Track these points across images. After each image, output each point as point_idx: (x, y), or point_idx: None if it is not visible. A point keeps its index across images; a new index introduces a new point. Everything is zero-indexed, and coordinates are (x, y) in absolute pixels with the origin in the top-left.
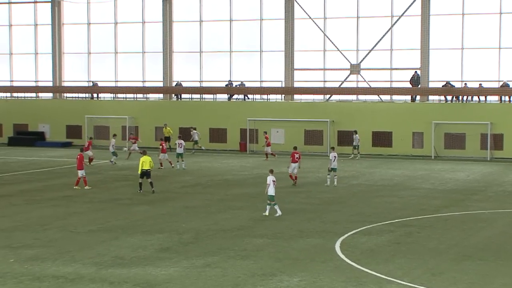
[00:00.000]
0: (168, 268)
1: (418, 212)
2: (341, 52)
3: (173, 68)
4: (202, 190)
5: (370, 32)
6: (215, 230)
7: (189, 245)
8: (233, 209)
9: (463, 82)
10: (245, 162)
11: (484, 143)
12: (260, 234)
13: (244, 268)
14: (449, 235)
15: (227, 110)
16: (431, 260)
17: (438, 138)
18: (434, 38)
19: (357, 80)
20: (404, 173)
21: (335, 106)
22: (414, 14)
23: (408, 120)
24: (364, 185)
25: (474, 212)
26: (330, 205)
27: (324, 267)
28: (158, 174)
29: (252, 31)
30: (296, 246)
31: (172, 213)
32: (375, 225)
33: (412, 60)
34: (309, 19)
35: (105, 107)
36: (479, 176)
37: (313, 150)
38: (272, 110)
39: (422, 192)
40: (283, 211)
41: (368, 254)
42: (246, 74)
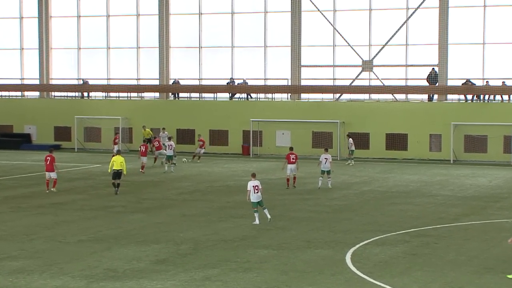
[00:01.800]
0: (164, 281)
1: (435, 221)
2: (352, 47)
3: (170, 65)
4: (202, 197)
5: (384, 26)
6: (215, 240)
7: (188, 257)
8: (235, 217)
9: (484, 80)
10: (248, 166)
11: (507, 146)
12: (264, 244)
13: (246, 282)
14: (469, 246)
15: (228, 110)
16: (449, 273)
17: (458, 140)
18: (453, 32)
19: (369, 77)
20: (421, 179)
21: (346, 106)
22: (432, 6)
23: (425, 121)
24: (377, 191)
25: (497, 221)
26: (340, 213)
27: (333, 280)
28: (154, 179)
29: (255, 25)
30: (303, 257)
31: (169, 222)
32: (389, 235)
33: (429, 56)
34: (317, 12)
35: (97, 107)
36: (502, 182)
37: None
38: (277, 110)
39: (440, 199)
40: (289, 220)
41: (382, 267)
42: (249, 71)
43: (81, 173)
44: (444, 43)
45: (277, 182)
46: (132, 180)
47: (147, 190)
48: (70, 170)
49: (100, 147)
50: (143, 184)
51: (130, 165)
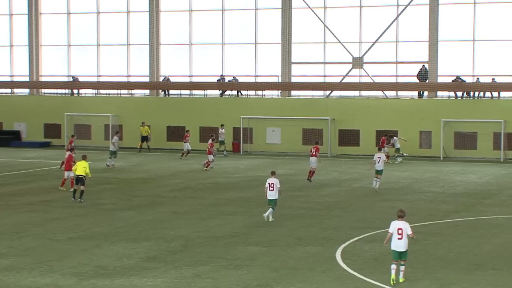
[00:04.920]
0: (155, 278)
1: (425, 218)
2: (342, 44)
3: (161, 62)
4: (192, 194)
5: (374, 23)
6: (206, 237)
7: (178, 254)
8: (226, 214)
9: (474, 77)
10: (239, 163)
11: (497, 143)
12: (254, 241)
13: (237, 279)
14: (459, 243)
15: (219, 107)
16: (439, 270)
17: (448, 137)
18: (443, 29)
19: (359, 74)
20: (411, 176)
21: (336, 103)
22: (422, 3)
23: (415, 118)
24: (368, 188)
25: (487, 218)
26: (330, 210)
27: (324, 277)
28: (144, 176)
29: (246, 22)
30: (294, 254)
31: (160, 219)
32: (379, 232)
33: (419, 53)
34: (308, 9)
35: (87, 104)
36: (492, 178)
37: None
38: (267, 107)
39: (430, 196)
40: (280, 217)
41: (372, 263)
42: (239, 68)
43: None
44: (434, 40)
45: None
46: (122, 177)
47: (138, 187)
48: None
49: (90, 145)
50: (133, 181)
51: (121, 162)
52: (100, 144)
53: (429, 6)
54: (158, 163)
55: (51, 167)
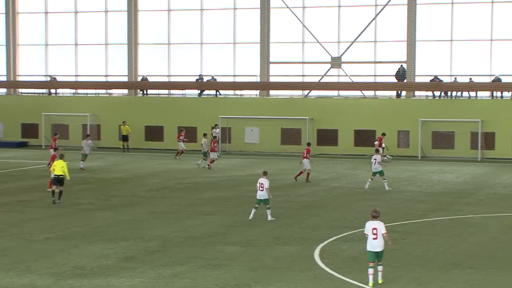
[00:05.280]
0: (132, 278)
1: (403, 217)
2: (321, 44)
3: (139, 62)
4: (170, 194)
5: (353, 23)
6: (184, 237)
7: (156, 254)
8: (204, 214)
9: (452, 77)
10: (217, 163)
11: (474, 143)
12: (233, 241)
13: (215, 279)
14: (436, 242)
15: (197, 107)
16: (417, 269)
17: (426, 137)
18: (421, 29)
19: (338, 74)
20: (389, 175)
21: (315, 103)
22: (400, 3)
23: (393, 118)
24: (346, 188)
25: (464, 217)
26: (309, 210)
27: (302, 276)
28: (122, 176)
29: (224, 22)
30: (272, 254)
31: (138, 219)
32: (357, 231)
33: (397, 53)
34: (286, 9)
35: (64, 104)
36: (469, 178)
37: (290, 150)
38: (246, 107)
39: (408, 195)
40: (258, 216)
41: (350, 263)
42: (218, 68)
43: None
44: (412, 40)
45: (246, 178)
46: (100, 177)
47: (115, 187)
48: (37, 168)
49: (68, 144)
50: (111, 181)
51: (98, 162)
52: (78, 144)
53: (407, 6)
54: (136, 163)
55: (28, 167)
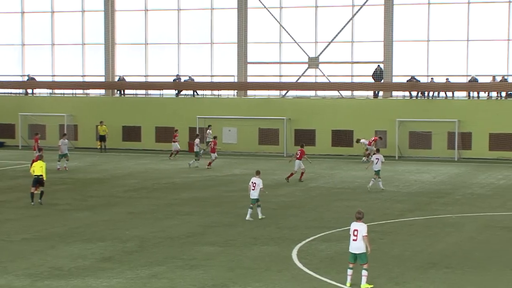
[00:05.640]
0: (110, 279)
1: (381, 217)
2: (298, 44)
3: (116, 62)
4: (148, 194)
5: (330, 23)
6: (162, 237)
7: (134, 254)
8: (182, 214)
9: (429, 77)
10: (195, 163)
11: (451, 143)
12: (211, 241)
13: (193, 279)
14: (413, 241)
15: (174, 107)
16: (394, 269)
17: (403, 137)
18: (398, 29)
19: (315, 74)
20: (366, 175)
21: (292, 103)
22: (377, 3)
23: (370, 118)
24: (324, 188)
25: (441, 217)
26: (286, 210)
27: (280, 276)
28: (99, 177)
29: (201, 22)
30: (250, 254)
31: (115, 220)
32: (335, 231)
33: (374, 53)
34: (263, 9)
35: (41, 104)
36: (446, 177)
37: (268, 150)
38: (223, 107)
39: (385, 195)
40: (236, 217)
41: (328, 263)
42: (195, 68)
43: (25, 171)
44: (389, 40)
45: (224, 179)
46: (77, 177)
47: (93, 187)
48: (14, 168)
49: (45, 145)
50: (88, 181)
51: (75, 163)
52: (55, 144)
53: (384, 6)
54: (114, 163)
55: (5, 167)
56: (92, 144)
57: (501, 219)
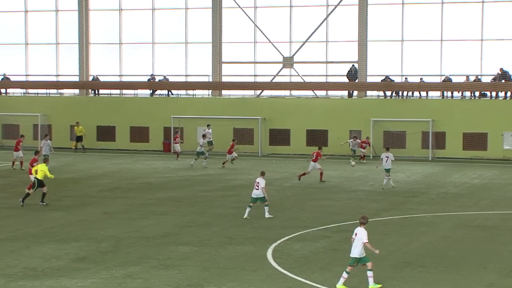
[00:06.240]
0: (85, 279)
1: (355, 216)
2: (273, 44)
3: (90, 61)
4: (123, 194)
5: (304, 23)
6: (136, 237)
7: (108, 254)
8: (157, 214)
9: (403, 77)
10: (170, 163)
11: (425, 142)
12: (186, 241)
13: (168, 279)
14: (388, 241)
15: (149, 107)
16: None
17: (377, 136)
18: (372, 29)
19: (290, 74)
20: (341, 175)
21: (267, 103)
22: (351, 3)
23: (345, 118)
24: (298, 187)
25: (415, 216)
26: (261, 209)
27: (255, 276)
28: (74, 177)
29: (176, 21)
30: (225, 254)
31: (90, 220)
32: (309, 231)
33: (349, 53)
34: (238, 8)
35: (15, 104)
36: (421, 177)
37: (243, 150)
38: (198, 107)
39: (360, 194)
40: (211, 216)
41: (303, 262)
42: (170, 67)
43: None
44: (363, 40)
45: (199, 178)
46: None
47: (67, 187)
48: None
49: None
50: (63, 181)
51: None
52: (29, 144)
53: (358, 6)
54: (88, 163)
55: None
56: (67, 144)
57: (475, 218)
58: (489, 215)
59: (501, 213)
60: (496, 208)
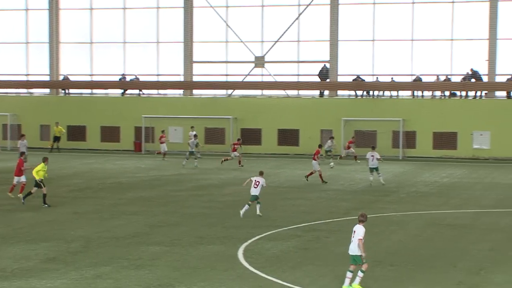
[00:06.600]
0: (54, 280)
1: (326, 216)
2: (244, 43)
3: (60, 61)
4: (93, 194)
5: (276, 22)
6: (107, 237)
7: (78, 255)
8: (127, 214)
9: (374, 76)
10: (141, 163)
11: (396, 141)
12: (156, 241)
13: (138, 279)
14: None
15: (120, 106)
16: (340, 267)
17: (348, 135)
18: (344, 29)
19: (262, 74)
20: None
21: (238, 102)
22: (323, 3)
23: (316, 117)
24: (270, 187)
25: (386, 215)
26: (233, 209)
27: (226, 276)
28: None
29: (147, 21)
30: (196, 253)
31: (60, 220)
32: (281, 230)
33: (320, 53)
34: (210, 8)
35: None
36: (391, 176)
37: (214, 149)
38: (170, 107)
39: (331, 194)
40: (182, 216)
41: (274, 261)
42: (141, 67)
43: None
44: (335, 40)
45: (170, 178)
46: None
47: None
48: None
49: None
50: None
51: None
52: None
53: (330, 6)
54: (59, 163)
55: None
56: (37, 144)
57: (445, 217)
58: (459, 213)
59: (471, 211)
60: (466, 206)
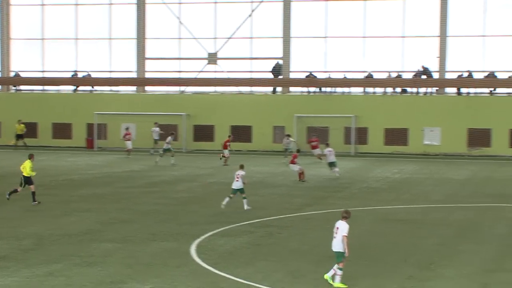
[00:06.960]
0: (5, 278)
1: (279, 211)
2: (197, 40)
3: (11, 57)
4: (45, 191)
5: (229, 19)
6: (59, 235)
7: (30, 252)
8: (79, 211)
9: (326, 73)
10: (93, 160)
11: (348, 137)
12: (108, 238)
13: (90, 276)
14: (311, 235)
15: (72, 103)
16: (292, 262)
17: (301, 132)
18: (296, 26)
19: (215, 70)
20: (265, 170)
21: (191, 99)
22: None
23: (269, 113)
24: (222, 183)
25: (338, 210)
26: (186, 205)
27: (178, 272)
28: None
29: (100, 17)
30: (148, 250)
31: (11, 217)
32: (234, 226)
33: (273, 49)
34: (163, 4)
35: None
36: (343, 172)
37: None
38: (122, 103)
39: (284, 190)
40: (135, 213)
41: (226, 257)
42: (94, 63)
43: None
44: (287, 37)
45: (122, 175)
46: None
47: None
48: None
49: None
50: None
51: None
52: None
53: (283, 3)
54: (9, 160)
55: None
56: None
57: (396, 212)
58: (410, 208)
59: (422, 206)
60: (417, 202)
